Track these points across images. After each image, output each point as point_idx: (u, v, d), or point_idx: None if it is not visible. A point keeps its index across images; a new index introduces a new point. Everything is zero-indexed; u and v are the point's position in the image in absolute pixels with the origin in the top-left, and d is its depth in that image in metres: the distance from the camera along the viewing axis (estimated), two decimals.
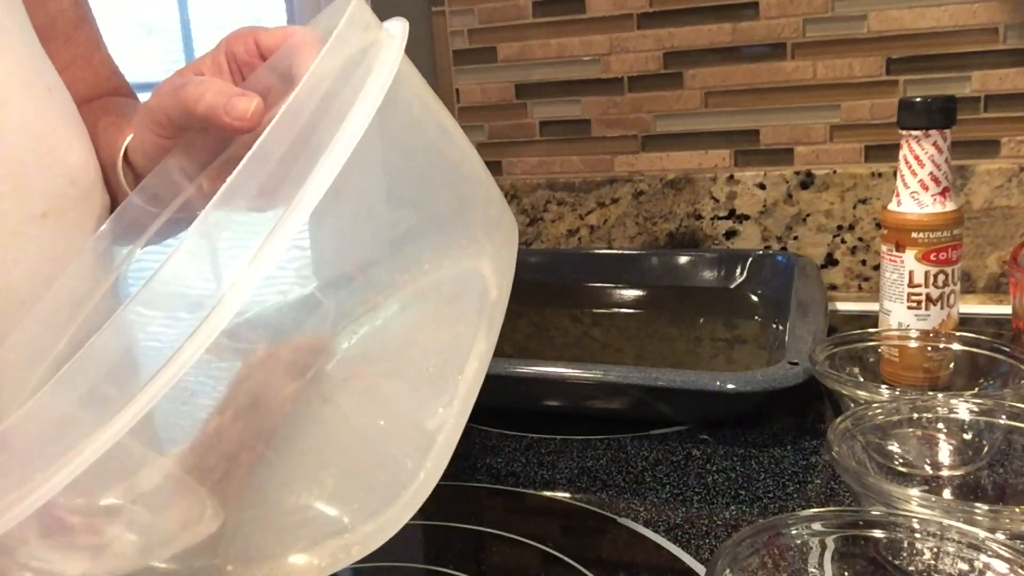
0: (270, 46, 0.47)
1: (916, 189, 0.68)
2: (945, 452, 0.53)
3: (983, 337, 0.62)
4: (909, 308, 0.69)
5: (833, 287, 1.00)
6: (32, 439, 0.28)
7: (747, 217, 1.02)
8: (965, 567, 0.39)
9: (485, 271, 0.42)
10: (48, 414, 0.28)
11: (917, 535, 0.40)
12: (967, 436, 0.52)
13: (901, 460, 0.53)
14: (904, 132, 0.68)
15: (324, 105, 0.32)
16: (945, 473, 0.53)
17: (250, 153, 0.30)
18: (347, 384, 0.40)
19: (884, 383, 0.63)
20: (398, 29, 0.40)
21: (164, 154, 0.50)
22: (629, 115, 1.06)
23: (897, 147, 0.69)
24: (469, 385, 0.38)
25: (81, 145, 0.56)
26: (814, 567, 0.40)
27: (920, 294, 0.69)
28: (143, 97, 0.74)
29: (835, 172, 0.98)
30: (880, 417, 0.51)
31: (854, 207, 0.97)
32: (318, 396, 0.38)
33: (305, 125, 0.31)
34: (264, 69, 0.47)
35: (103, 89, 0.69)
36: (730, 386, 0.63)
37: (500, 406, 0.70)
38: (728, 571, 0.37)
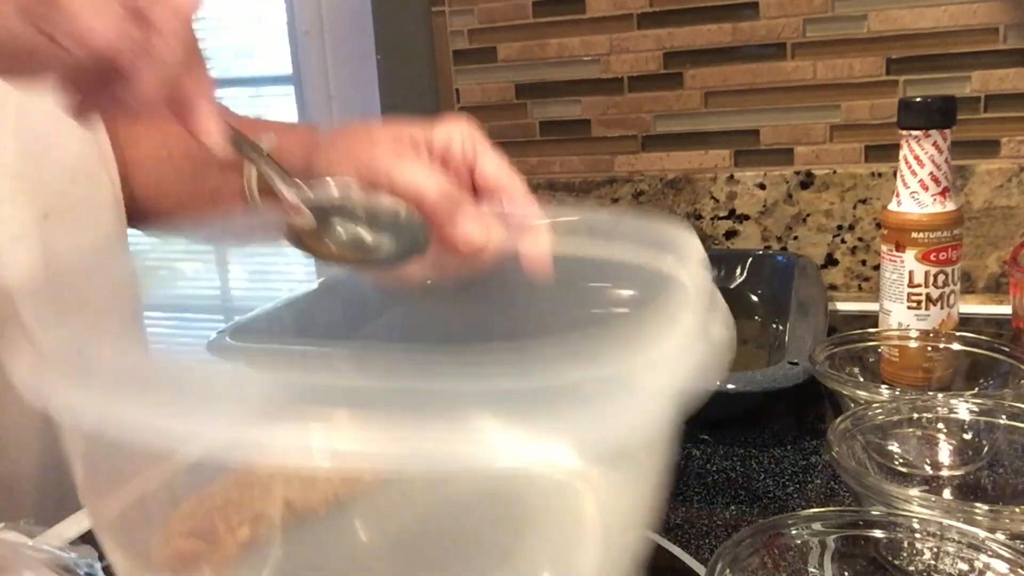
0: (484, 172, 0.49)
1: (916, 189, 0.68)
2: (945, 452, 0.53)
3: (983, 337, 0.62)
4: (909, 308, 0.69)
5: (833, 287, 0.99)
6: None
7: (747, 217, 1.02)
8: (965, 567, 0.39)
9: None
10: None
11: (917, 535, 0.40)
12: (967, 436, 0.52)
13: (901, 460, 0.53)
14: (904, 132, 0.68)
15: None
16: (945, 473, 0.53)
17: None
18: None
19: (884, 383, 0.63)
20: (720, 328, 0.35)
21: None
22: (629, 115, 1.06)
23: (897, 147, 0.69)
24: None
25: (80, 136, 0.55)
26: (814, 567, 0.40)
27: (920, 294, 0.69)
28: None
29: (835, 172, 0.98)
30: (880, 417, 0.51)
31: (854, 207, 0.97)
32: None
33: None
34: (495, 214, 0.47)
35: None
36: (730, 386, 0.63)
37: None
38: (728, 571, 0.37)
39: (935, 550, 0.40)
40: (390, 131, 0.50)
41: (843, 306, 0.95)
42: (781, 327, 0.81)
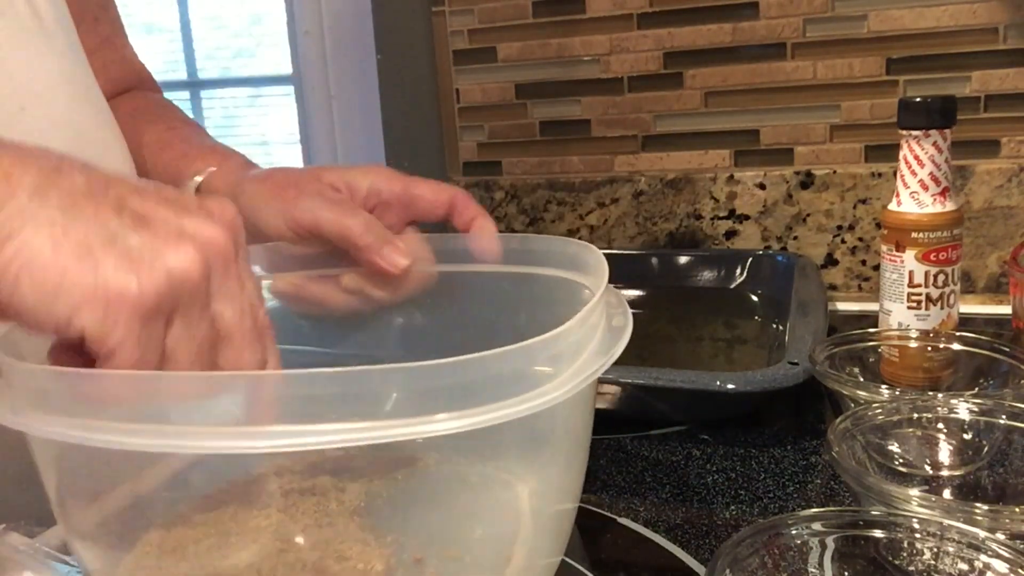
0: (424, 195, 0.54)
1: (916, 189, 0.68)
2: (945, 452, 0.53)
3: (983, 337, 0.62)
4: (909, 308, 0.69)
5: (833, 287, 1.00)
6: None
7: (747, 217, 1.02)
8: (965, 567, 0.39)
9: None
10: None
11: (917, 535, 0.40)
12: (967, 436, 0.52)
13: (901, 460, 0.53)
14: (904, 132, 0.68)
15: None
16: (945, 473, 0.53)
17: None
18: None
19: (884, 383, 0.63)
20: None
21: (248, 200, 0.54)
22: (629, 115, 1.06)
23: (897, 147, 0.69)
24: None
25: (118, 146, 0.56)
26: (814, 567, 0.40)
27: (920, 294, 0.69)
28: None
29: (835, 172, 0.98)
30: (880, 417, 0.51)
31: (854, 207, 0.97)
32: None
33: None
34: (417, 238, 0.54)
35: (130, 75, 0.69)
36: (730, 386, 0.63)
37: None
38: (728, 571, 0.37)
39: (935, 550, 0.40)
40: (311, 176, 0.55)
41: (843, 306, 0.95)
42: (781, 327, 0.81)
